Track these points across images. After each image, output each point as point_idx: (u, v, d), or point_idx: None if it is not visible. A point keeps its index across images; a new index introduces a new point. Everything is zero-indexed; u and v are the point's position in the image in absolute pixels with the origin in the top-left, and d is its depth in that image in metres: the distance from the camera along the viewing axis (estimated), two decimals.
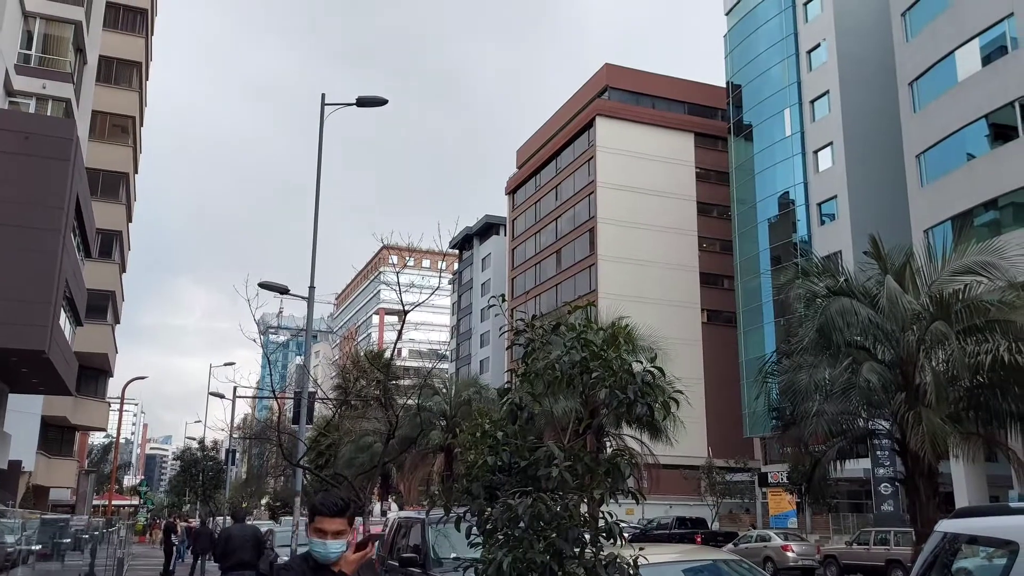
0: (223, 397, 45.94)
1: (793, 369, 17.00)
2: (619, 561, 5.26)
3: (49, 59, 28.82)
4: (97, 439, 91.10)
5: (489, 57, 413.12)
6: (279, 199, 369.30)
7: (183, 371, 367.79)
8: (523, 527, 5.03)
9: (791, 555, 32.41)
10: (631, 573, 5.24)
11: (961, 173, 34.28)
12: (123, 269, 40.68)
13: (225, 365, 73.55)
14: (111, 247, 37.34)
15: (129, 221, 41.05)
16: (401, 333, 16.02)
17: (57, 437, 37.88)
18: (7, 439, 24.67)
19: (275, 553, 20.90)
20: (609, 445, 24.07)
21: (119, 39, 38.22)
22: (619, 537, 5.35)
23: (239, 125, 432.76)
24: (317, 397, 24.83)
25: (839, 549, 32.33)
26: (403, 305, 11.99)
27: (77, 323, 26.09)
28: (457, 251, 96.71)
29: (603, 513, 5.38)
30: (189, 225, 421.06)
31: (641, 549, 5.64)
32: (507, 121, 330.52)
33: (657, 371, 5.54)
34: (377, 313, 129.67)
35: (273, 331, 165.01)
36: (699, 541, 36.19)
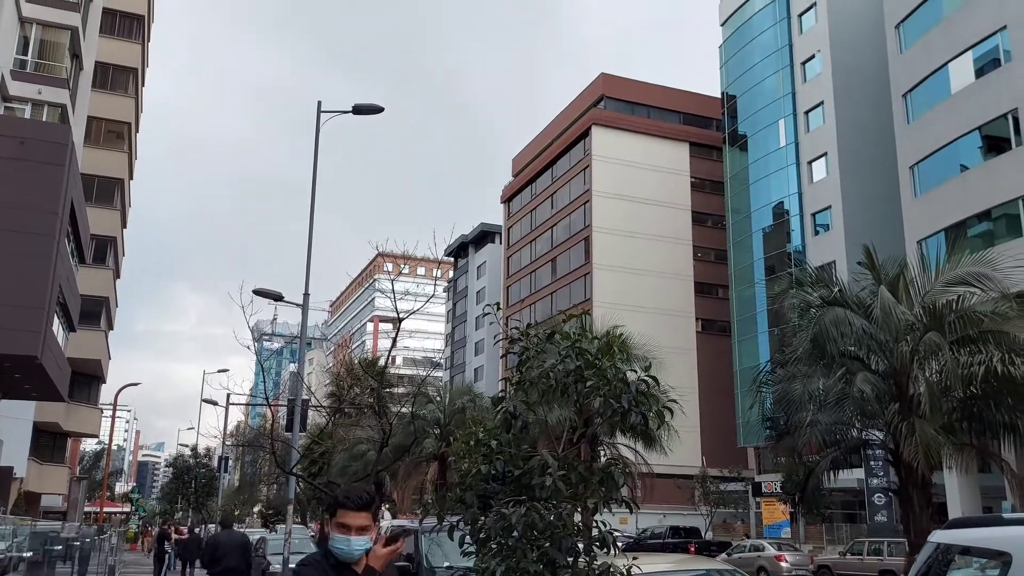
0: (216, 404, 45.68)
1: (787, 379, 17.01)
2: (612, 571, 5.26)
3: (45, 65, 28.82)
4: (89, 445, 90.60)
5: (486, 65, 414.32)
6: (275, 205, 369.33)
7: (176, 377, 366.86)
8: (516, 536, 5.02)
9: (785, 565, 32.40)
10: None
11: (954, 184, 34.43)
12: (117, 275, 40.59)
13: (219, 372, 73.30)
14: (105, 253, 37.27)
15: (124, 227, 40.99)
16: (396, 341, 15.99)
17: (49, 443, 37.71)
18: None
19: (268, 561, 20.82)
20: (603, 454, 24.05)
21: (115, 45, 38.24)
22: (613, 546, 5.35)
23: (235, 130, 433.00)
24: (311, 405, 24.76)
25: (833, 559, 32.34)
26: (398, 313, 11.97)
27: (70, 329, 26.00)
28: (452, 259, 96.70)
29: (597, 522, 5.38)
30: (184, 231, 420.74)
31: (635, 559, 5.64)
32: (503, 129, 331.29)
33: (651, 380, 5.55)
34: (372, 320, 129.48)
35: (267, 338, 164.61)
36: (693, 551, 36.14)
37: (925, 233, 35.19)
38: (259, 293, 20.65)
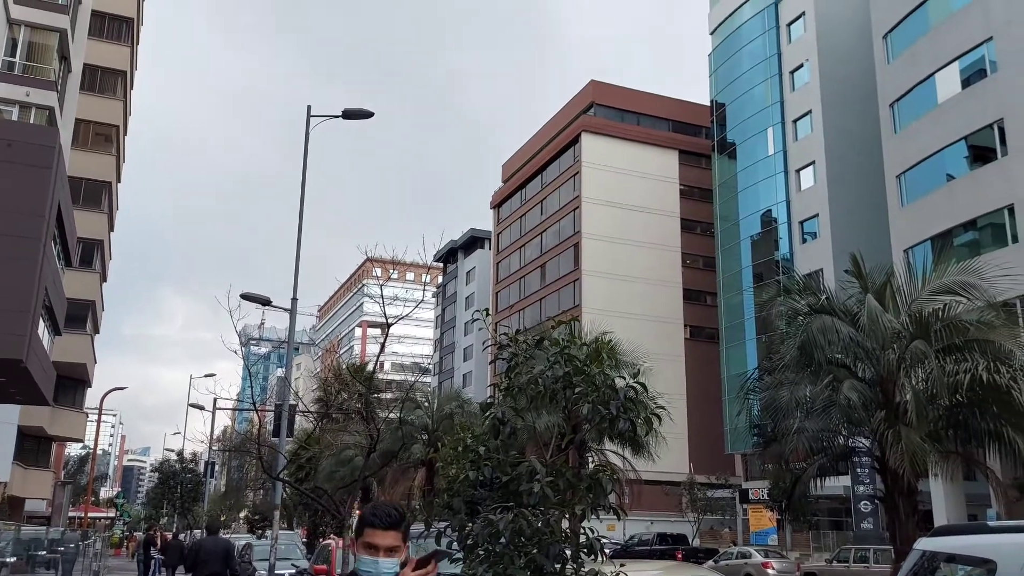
0: (203, 409, 45.54)
1: (774, 386, 17.05)
2: None
3: (33, 67, 28.68)
4: (74, 450, 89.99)
5: (477, 71, 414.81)
6: (263, 209, 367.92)
7: (163, 382, 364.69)
8: (504, 543, 5.01)
9: (771, 572, 32.47)
10: None
11: (941, 194, 34.68)
12: (104, 278, 40.34)
13: (206, 376, 73.02)
14: (92, 256, 37.03)
15: (111, 230, 40.75)
16: (384, 346, 15.95)
17: (33, 447, 37.38)
18: None
19: (254, 567, 20.71)
20: (591, 460, 24.06)
21: (104, 48, 38.06)
22: (600, 553, 5.35)
23: (224, 134, 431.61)
24: (298, 410, 24.66)
25: (819, 566, 32.43)
26: (386, 318, 11.94)
27: (56, 332, 25.81)
28: (441, 264, 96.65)
29: (584, 529, 5.38)
30: (172, 234, 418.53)
31: (622, 565, 5.64)
32: (493, 135, 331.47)
33: (640, 387, 5.56)
34: (360, 326, 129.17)
35: (255, 343, 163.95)
36: (680, 557, 36.17)
37: (912, 242, 35.43)
38: (247, 297, 20.56)
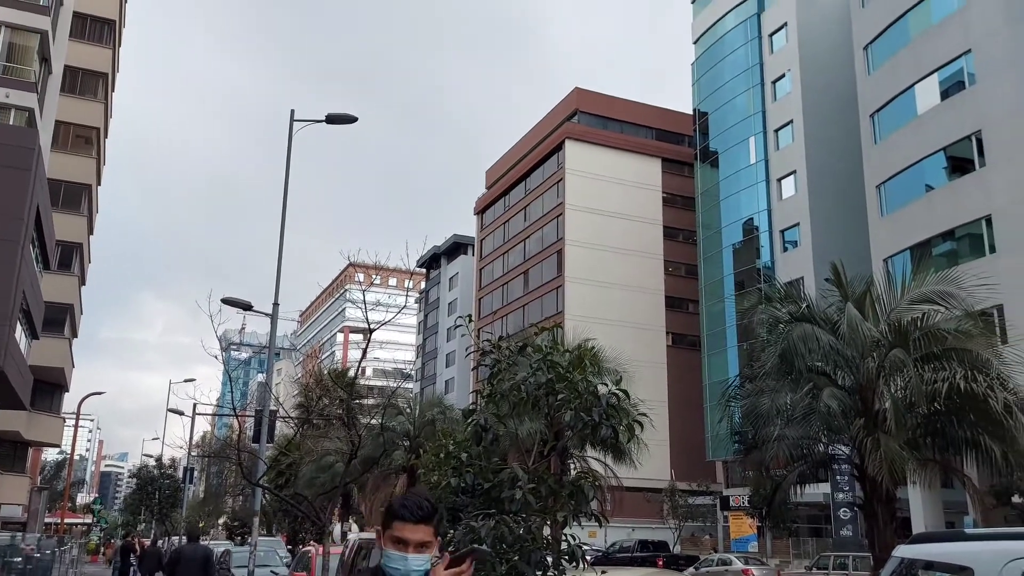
0: (182, 414, 45.17)
1: (755, 393, 17.13)
2: None
3: (13, 68, 28.41)
4: (51, 455, 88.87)
5: (461, 77, 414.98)
6: (245, 213, 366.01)
7: (142, 386, 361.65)
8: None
9: None
10: None
11: (920, 204, 35.03)
12: (83, 282, 39.94)
13: (185, 381, 72.21)
14: (71, 259, 36.67)
15: (90, 233, 40.39)
16: (366, 352, 15.90)
17: (9, 453, 36.89)
18: None
19: (232, 574, 20.54)
20: (573, 467, 24.03)
21: (86, 49, 37.77)
22: (581, 560, 5.35)
23: (207, 138, 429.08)
24: (279, 415, 24.49)
25: (799, 573, 32.57)
26: (369, 323, 11.90)
27: (33, 336, 25.56)
28: (424, 270, 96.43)
29: (566, 536, 5.38)
30: (153, 238, 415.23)
31: (604, 572, 5.64)
32: (477, 141, 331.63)
33: (622, 394, 5.57)
34: (342, 331, 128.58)
35: (235, 348, 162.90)
36: (661, 564, 36.19)
37: (891, 251, 35.74)
38: (228, 302, 20.40)
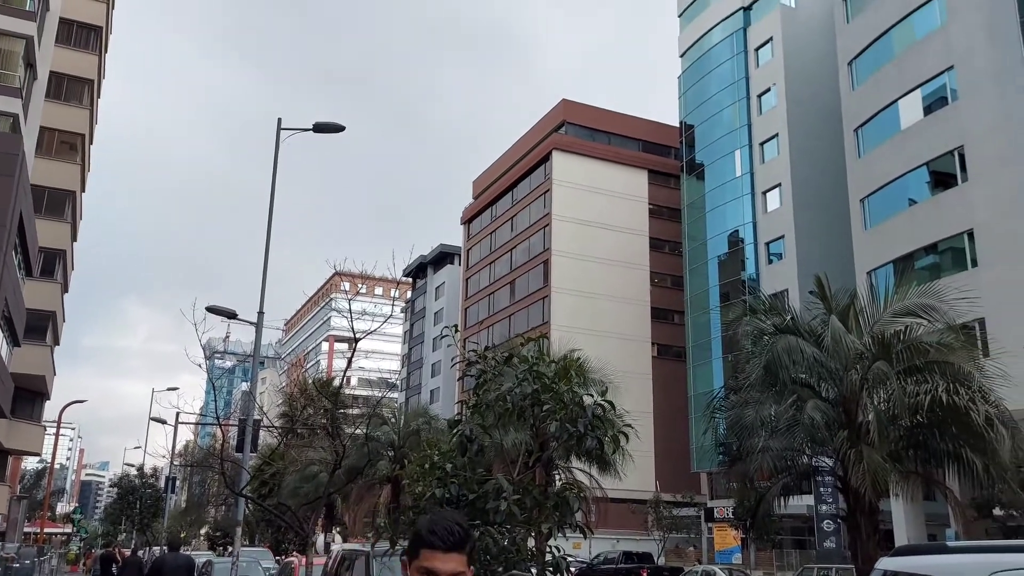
0: (165, 423, 44.79)
1: (740, 405, 17.19)
2: None
3: None
4: (31, 464, 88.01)
5: (448, 88, 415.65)
6: (230, 221, 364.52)
7: (124, 395, 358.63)
8: None
9: None
10: None
11: (903, 218, 35.35)
12: (65, 289, 39.60)
13: (168, 390, 71.52)
14: (54, 266, 36.36)
15: (74, 240, 40.06)
16: (351, 361, 15.88)
17: None
18: None
19: None
20: (558, 478, 24.01)
21: (71, 55, 37.57)
22: (566, 572, 5.35)
23: (192, 145, 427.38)
24: (262, 425, 24.37)
25: None
26: (354, 333, 11.88)
27: (14, 343, 25.33)
28: (411, 279, 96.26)
29: (550, 547, 5.38)
30: (137, 245, 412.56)
31: None
32: (464, 151, 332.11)
33: (607, 405, 5.59)
34: (327, 340, 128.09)
35: (219, 356, 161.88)
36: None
37: (875, 264, 36.02)
38: (212, 310, 20.29)
